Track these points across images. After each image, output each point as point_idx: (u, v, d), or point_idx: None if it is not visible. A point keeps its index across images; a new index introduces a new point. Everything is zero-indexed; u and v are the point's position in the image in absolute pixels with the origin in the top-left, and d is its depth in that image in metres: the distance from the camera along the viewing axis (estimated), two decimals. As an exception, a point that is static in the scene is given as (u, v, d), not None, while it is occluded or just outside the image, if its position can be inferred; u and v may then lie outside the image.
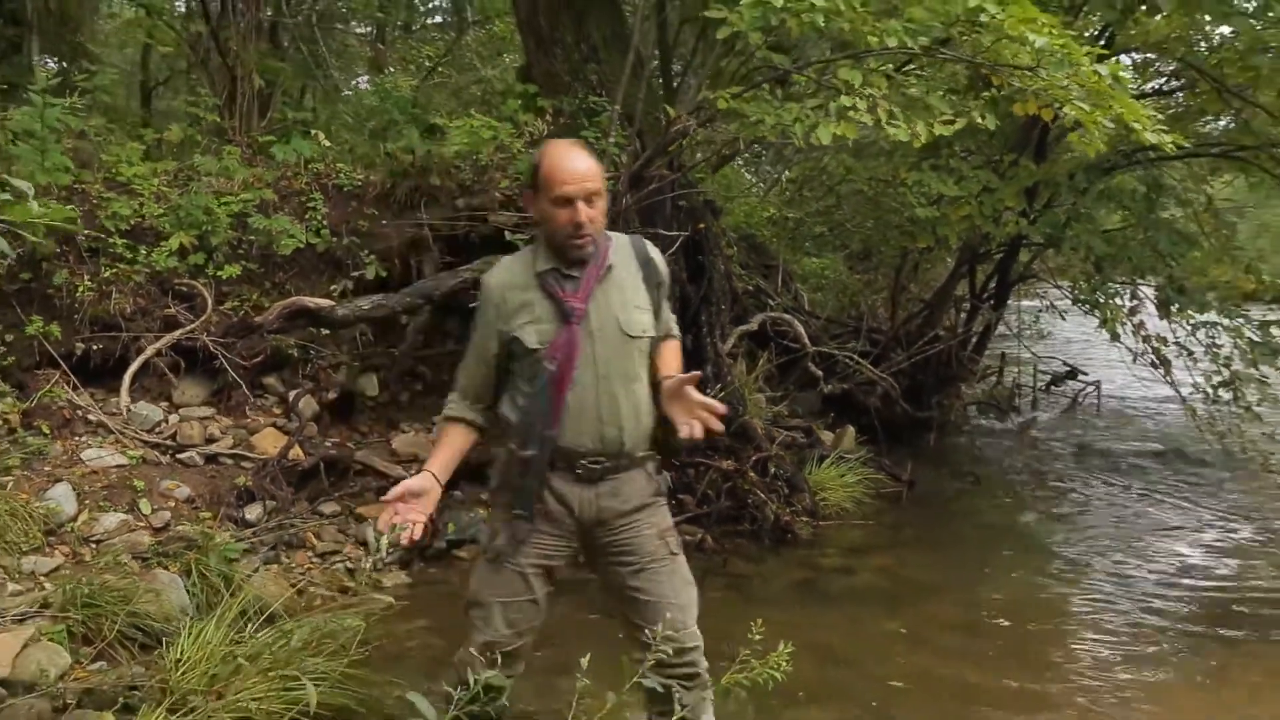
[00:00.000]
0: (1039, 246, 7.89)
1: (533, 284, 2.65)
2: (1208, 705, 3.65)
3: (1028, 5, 3.93)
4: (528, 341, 2.61)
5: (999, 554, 5.52)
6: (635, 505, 2.71)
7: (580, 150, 2.69)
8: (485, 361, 2.75)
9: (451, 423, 2.81)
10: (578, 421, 2.61)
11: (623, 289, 2.70)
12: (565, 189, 2.55)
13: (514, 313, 2.65)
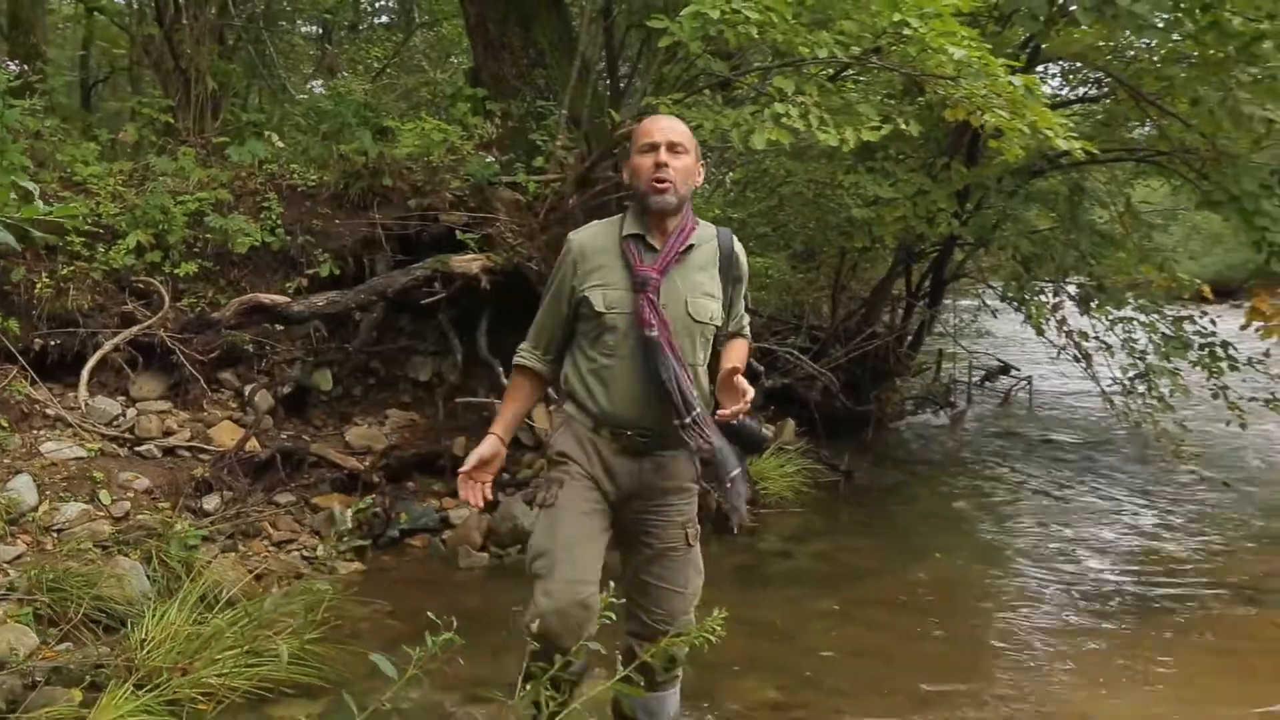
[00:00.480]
0: (971, 246, 8.22)
1: (614, 247, 2.70)
2: (1123, 671, 3.93)
3: (948, 20, 4.20)
4: (595, 303, 2.65)
5: (931, 538, 5.80)
6: (673, 487, 2.76)
7: (672, 116, 2.94)
8: (557, 315, 2.78)
9: (521, 372, 2.86)
10: (632, 393, 2.65)
11: (698, 273, 2.73)
12: (649, 137, 2.67)
13: (590, 273, 2.69)
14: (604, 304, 2.64)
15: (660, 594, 2.75)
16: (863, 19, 4.35)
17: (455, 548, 5.11)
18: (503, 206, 5.44)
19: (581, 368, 2.72)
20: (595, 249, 2.72)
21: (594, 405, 2.68)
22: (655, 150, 2.63)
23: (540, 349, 2.82)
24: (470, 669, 3.14)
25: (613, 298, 2.64)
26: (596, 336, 2.67)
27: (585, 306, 2.67)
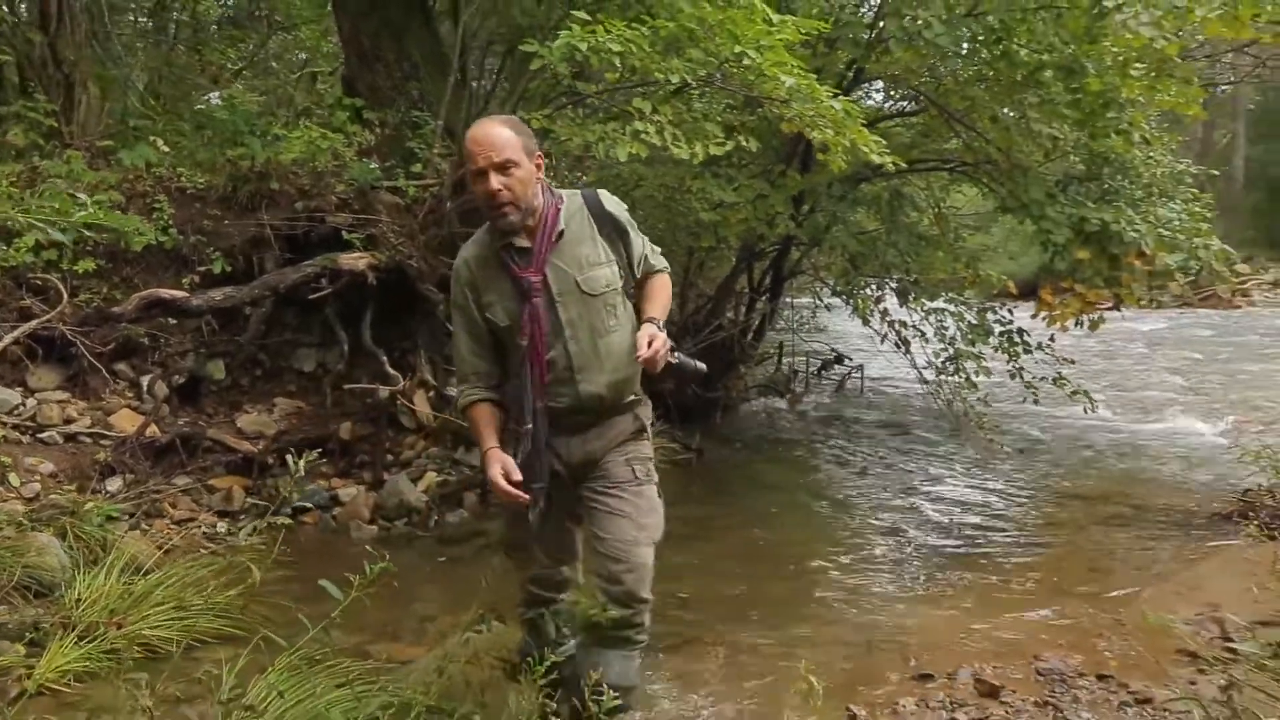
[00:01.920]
0: (806, 246, 9.05)
1: (494, 258, 2.76)
2: (930, 598, 4.71)
3: (780, 52, 4.91)
4: (498, 320, 2.76)
5: (772, 504, 6.56)
6: (615, 443, 2.89)
7: (493, 121, 2.74)
8: (475, 336, 2.85)
9: (475, 405, 2.87)
10: (557, 385, 2.75)
11: (579, 248, 2.77)
12: (474, 162, 2.66)
13: (484, 291, 2.78)
14: (506, 318, 2.76)
15: (612, 521, 2.84)
16: (708, 47, 5.01)
17: (346, 522, 5.58)
18: (384, 209, 5.92)
19: (511, 374, 2.86)
20: (480, 266, 2.79)
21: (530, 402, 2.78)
22: (485, 178, 2.64)
23: (475, 378, 2.88)
24: (376, 615, 3.67)
25: (510, 309, 2.75)
26: (512, 344, 2.79)
27: (493, 324, 2.79)
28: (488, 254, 2.78)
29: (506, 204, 2.65)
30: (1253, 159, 40.83)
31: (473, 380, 2.88)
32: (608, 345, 2.78)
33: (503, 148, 2.64)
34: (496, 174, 2.62)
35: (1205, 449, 7.98)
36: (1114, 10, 6.14)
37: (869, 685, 3.58)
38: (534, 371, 2.74)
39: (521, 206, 2.68)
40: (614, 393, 2.83)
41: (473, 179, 2.69)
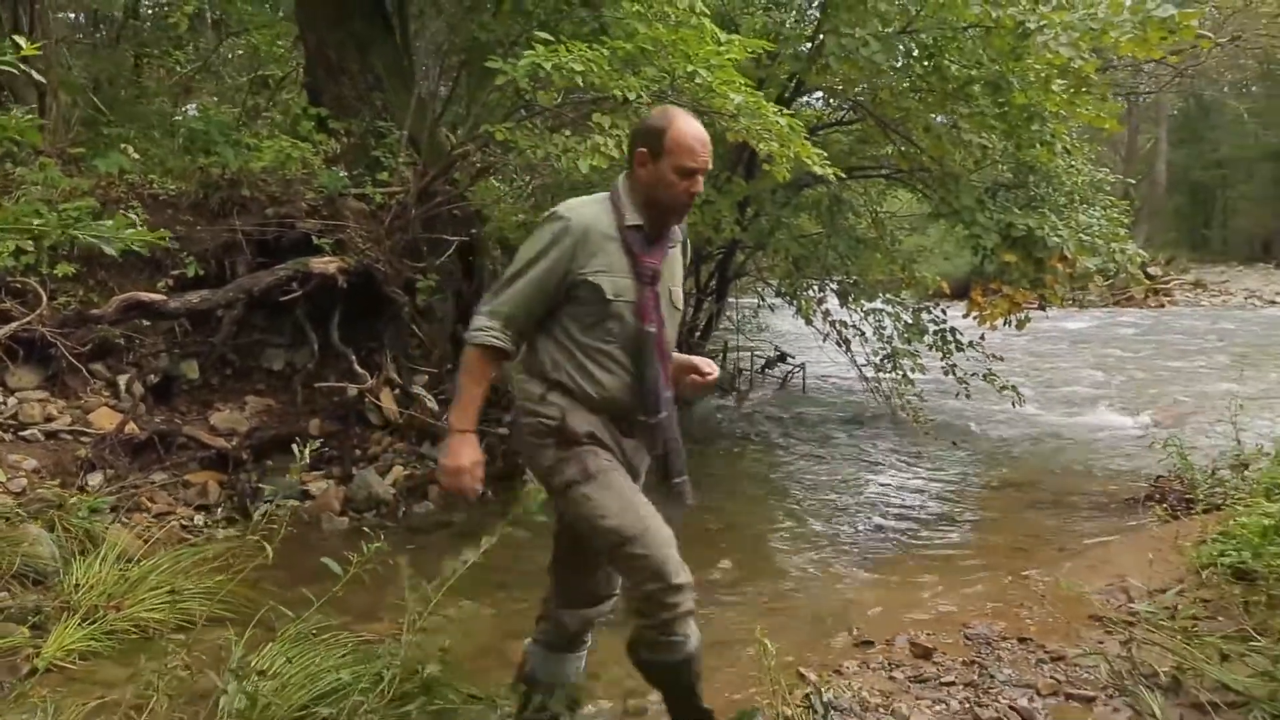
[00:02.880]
0: (751, 249, 9.46)
1: (615, 235, 2.67)
2: (868, 574, 5.11)
3: (729, 71, 5.28)
4: (605, 290, 2.63)
5: (722, 494, 6.91)
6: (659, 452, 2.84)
7: (697, 122, 2.73)
8: (543, 295, 2.68)
9: (488, 352, 2.68)
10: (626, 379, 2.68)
11: (676, 264, 2.84)
12: (692, 160, 2.63)
13: (591, 256, 2.64)
14: (613, 291, 2.63)
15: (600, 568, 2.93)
16: (663, 66, 5.36)
17: (318, 514, 5.83)
18: (352, 215, 6.19)
19: (575, 353, 2.69)
20: (597, 233, 2.66)
21: (593, 390, 2.68)
22: (693, 177, 2.65)
23: (512, 329, 2.69)
24: (355, 600, 3.95)
25: (620, 286, 2.64)
26: (596, 323, 2.66)
27: (587, 290, 2.64)
28: (608, 225, 2.68)
29: (687, 207, 2.75)
30: (1174, 163, 42.29)
31: (503, 324, 2.68)
32: (670, 354, 2.78)
33: (710, 156, 2.71)
34: (701, 179, 2.70)
35: (1125, 440, 8.51)
36: (1036, 31, 6.60)
37: (816, 651, 3.95)
38: (663, 358, 2.69)
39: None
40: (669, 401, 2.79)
41: (679, 174, 2.63)
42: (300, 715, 3.07)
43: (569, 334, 2.69)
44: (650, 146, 2.66)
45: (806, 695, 3.31)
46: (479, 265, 7.22)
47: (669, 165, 2.63)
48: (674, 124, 2.66)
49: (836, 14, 7.34)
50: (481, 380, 2.72)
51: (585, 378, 2.67)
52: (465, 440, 2.73)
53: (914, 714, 3.22)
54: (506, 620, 4.30)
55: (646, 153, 2.67)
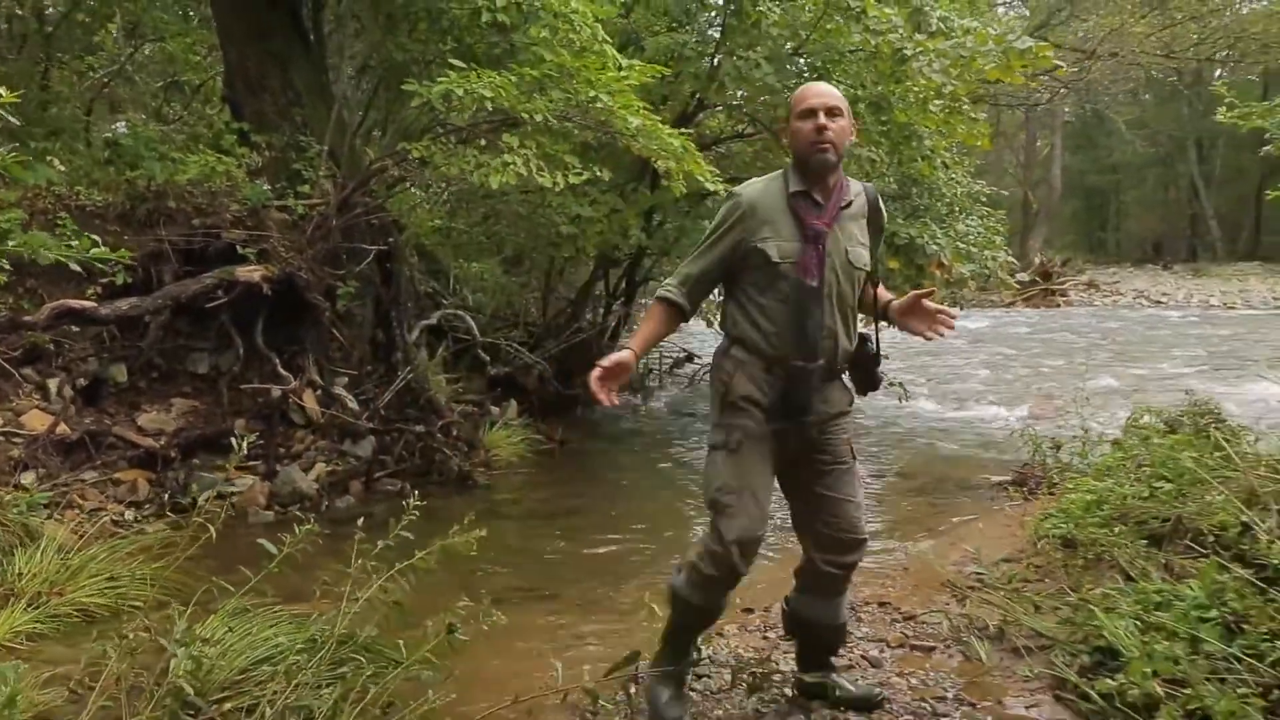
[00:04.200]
0: (656, 255, 9.96)
1: (782, 204, 2.94)
2: (767, 563, 5.58)
3: (628, 95, 5.77)
4: (770, 254, 2.90)
5: (628, 484, 7.43)
6: (835, 412, 3.05)
7: (824, 83, 3.10)
8: (721, 262, 3.01)
9: (664, 304, 3.05)
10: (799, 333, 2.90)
11: (853, 224, 2.99)
12: (807, 103, 2.90)
13: (760, 225, 2.93)
14: (778, 255, 2.90)
15: (837, 504, 3.07)
16: (567, 90, 5.83)
17: (244, 508, 6.17)
18: (275, 226, 6.52)
19: (751, 312, 2.98)
20: (764, 205, 2.95)
21: (766, 346, 2.94)
22: (814, 115, 2.87)
23: (687, 288, 3.04)
24: (282, 583, 4.31)
25: (786, 249, 2.90)
26: (768, 284, 2.94)
27: (758, 258, 2.92)
28: (775, 196, 2.97)
29: (828, 143, 2.87)
30: (1071, 169, 44.07)
31: (679, 283, 3.05)
32: (848, 314, 2.99)
33: (832, 98, 2.93)
34: (826, 115, 2.87)
35: (1001, 432, 9.18)
36: (912, 58, 7.21)
37: (702, 618, 4.44)
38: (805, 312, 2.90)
39: (838, 153, 2.91)
40: (843, 359, 3.01)
41: (801, 118, 2.92)
42: (241, 678, 3.46)
43: (748, 295, 2.99)
44: (785, 121, 3.03)
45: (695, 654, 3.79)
46: (397, 272, 7.59)
47: (794, 119, 2.94)
48: (795, 93, 3.03)
49: (732, 37, 7.89)
50: (654, 322, 3.08)
51: (757, 331, 2.95)
52: (622, 351, 3.01)
53: (781, 663, 3.73)
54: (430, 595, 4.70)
55: (783, 127, 3.06)
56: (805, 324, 2.90)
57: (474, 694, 3.46)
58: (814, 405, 2.97)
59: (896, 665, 3.79)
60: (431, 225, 11.27)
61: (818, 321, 2.90)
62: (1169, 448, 4.88)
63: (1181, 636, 3.16)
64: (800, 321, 2.89)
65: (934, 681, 3.62)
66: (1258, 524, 3.50)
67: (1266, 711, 2.75)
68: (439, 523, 3.66)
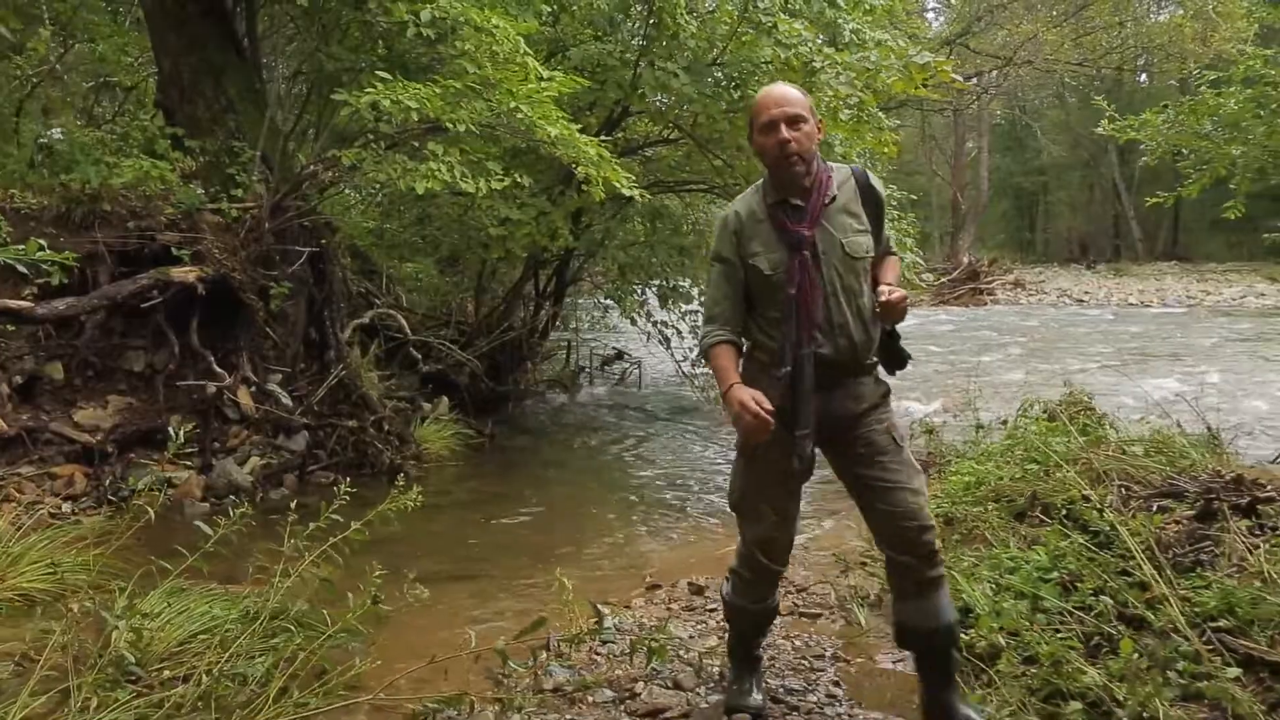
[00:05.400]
0: (584, 256, 10.31)
1: (764, 216, 2.96)
2: (672, 540, 6.00)
3: (547, 106, 6.10)
4: (762, 268, 2.93)
5: (554, 477, 7.75)
6: (867, 407, 3.00)
7: (782, 84, 2.98)
8: (732, 286, 3.03)
9: (719, 346, 3.03)
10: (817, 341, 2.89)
11: (845, 215, 2.95)
12: (766, 115, 2.86)
13: (749, 241, 2.96)
14: (769, 267, 2.93)
15: (888, 493, 2.96)
16: (490, 101, 6.14)
17: (180, 500, 6.40)
18: (209, 228, 6.75)
19: (760, 322, 3.03)
20: (749, 219, 2.99)
21: (776, 352, 2.96)
22: (776, 129, 2.84)
23: (724, 324, 3.05)
24: (217, 567, 4.57)
25: (774, 260, 2.92)
26: (768, 297, 2.97)
27: (752, 273, 2.97)
28: (758, 210, 2.99)
29: (794, 154, 2.85)
30: (1000, 170, 45.15)
31: (719, 323, 3.05)
32: (858, 306, 2.95)
33: (794, 103, 2.88)
34: (787, 126, 2.84)
35: (915, 424, 9.68)
36: (821, 70, 7.63)
37: (613, 594, 4.80)
38: (801, 318, 2.88)
39: (807, 160, 2.89)
40: (862, 352, 2.97)
41: (763, 133, 2.90)
42: (179, 649, 3.74)
43: (754, 307, 3.05)
44: (750, 130, 3.01)
45: (596, 619, 4.15)
46: (329, 272, 7.83)
47: (757, 132, 2.92)
48: (755, 102, 2.98)
49: (653, 47, 8.25)
50: (726, 364, 3.01)
51: (766, 339, 3.00)
52: (733, 389, 2.91)
53: (679, 629, 4.10)
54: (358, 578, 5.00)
55: (749, 136, 3.02)
56: (783, 331, 2.91)
57: (396, 660, 3.76)
58: (836, 406, 2.94)
59: (784, 630, 4.18)
60: (365, 226, 11.53)
61: (791, 329, 2.89)
62: (1042, 434, 5.34)
63: (1026, 595, 3.59)
64: (802, 328, 2.89)
65: (815, 643, 4.02)
66: (1093, 496, 3.93)
67: (1085, 654, 3.17)
68: (370, 511, 3.94)
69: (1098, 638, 3.26)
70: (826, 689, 3.58)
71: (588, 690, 3.59)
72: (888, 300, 2.86)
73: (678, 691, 3.56)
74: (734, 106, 8.28)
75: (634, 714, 3.42)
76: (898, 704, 3.46)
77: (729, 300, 3.05)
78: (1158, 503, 3.93)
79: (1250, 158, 6.10)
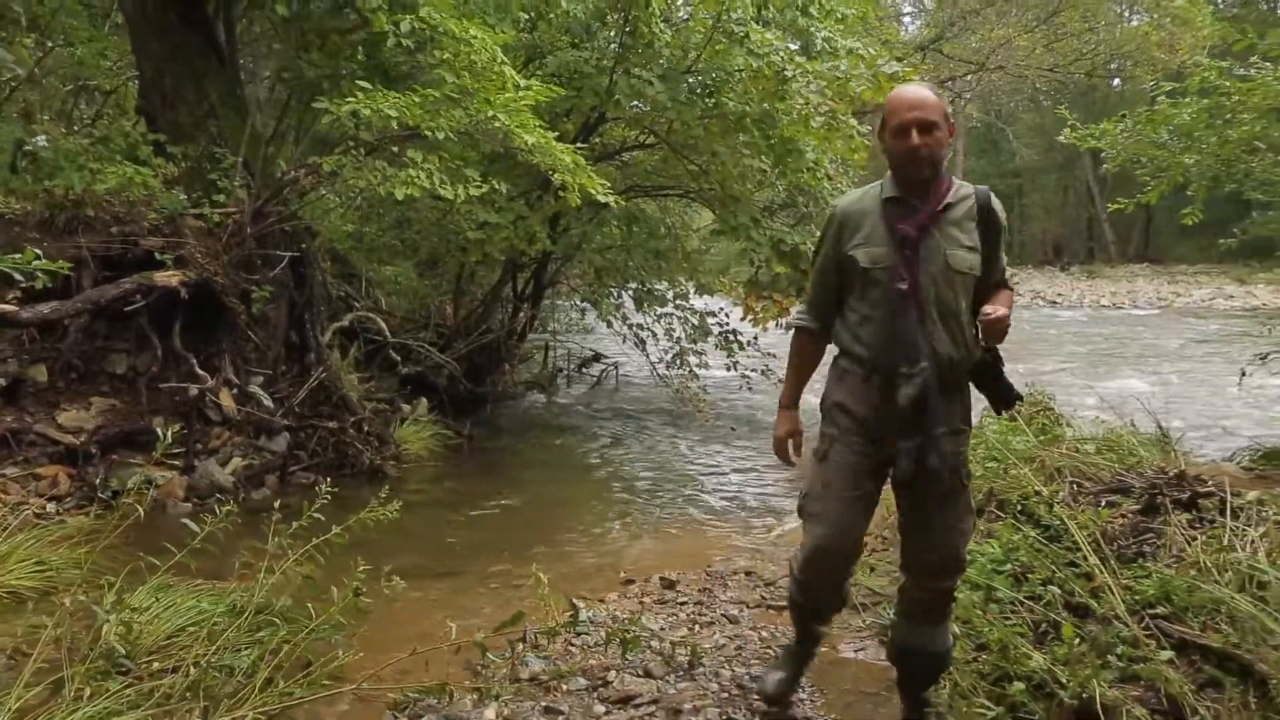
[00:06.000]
0: (561, 260, 10.47)
1: (875, 210, 2.90)
2: (644, 535, 6.16)
3: (524, 114, 6.26)
4: (860, 260, 2.86)
5: (532, 476, 7.90)
6: (949, 429, 2.86)
7: (918, 85, 2.95)
8: (829, 279, 3.01)
9: (802, 334, 3.09)
10: (896, 339, 2.82)
11: (956, 228, 2.86)
12: (899, 119, 2.80)
13: (852, 234, 2.91)
14: (869, 260, 2.86)
15: (942, 531, 2.92)
16: (469, 110, 6.29)
17: (164, 500, 6.52)
18: (191, 233, 6.86)
19: (850, 320, 2.96)
20: (857, 213, 2.94)
21: (865, 353, 2.90)
22: (908, 134, 2.77)
23: (816, 314, 3.09)
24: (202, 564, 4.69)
25: (876, 254, 2.86)
26: (863, 291, 2.91)
27: (851, 265, 2.90)
28: (870, 203, 2.94)
29: (925, 160, 2.80)
30: (976, 172, 45.55)
31: (812, 312, 3.11)
32: (953, 321, 2.85)
33: (926, 110, 2.80)
34: (919, 133, 2.78)
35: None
36: (792, 79, 7.82)
37: (588, 589, 4.96)
38: (919, 313, 2.82)
39: (936, 164, 2.84)
40: (949, 368, 2.86)
41: (894, 135, 2.84)
42: (167, 642, 3.88)
43: (849, 304, 2.98)
44: (881, 126, 2.94)
45: (572, 613, 4.31)
46: (309, 276, 7.95)
47: (888, 133, 2.86)
48: (888, 100, 2.92)
49: (629, 56, 8.42)
50: (802, 364, 3.12)
51: (855, 340, 2.94)
52: (783, 416, 3.07)
53: (651, 622, 4.27)
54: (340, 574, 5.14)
55: (879, 131, 2.96)
56: (899, 329, 2.82)
57: (378, 652, 3.91)
58: (922, 417, 2.81)
59: (752, 621, 4.36)
60: (344, 230, 11.65)
61: (912, 327, 2.81)
62: (1002, 433, 5.54)
63: (980, 586, 3.77)
64: (894, 327, 2.83)
65: (781, 633, 4.19)
66: (1044, 492, 4.13)
67: (1033, 640, 3.36)
68: (350, 511, 4.09)
69: (1045, 625, 3.44)
70: (790, 676, 3.74)
71: (562, 679, 3.75)
72: (988, 317, 2.75)
73: (648, 679, 3.73)
74: (708, 113, 8.47)
75: (606, 700, 3.58)
76: (856, 690, 3.64)
77: (822, 291, 3.07)
78: (1106, 498, 4.12)
79: (1204, 166, 6.32)
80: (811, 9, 8.94)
